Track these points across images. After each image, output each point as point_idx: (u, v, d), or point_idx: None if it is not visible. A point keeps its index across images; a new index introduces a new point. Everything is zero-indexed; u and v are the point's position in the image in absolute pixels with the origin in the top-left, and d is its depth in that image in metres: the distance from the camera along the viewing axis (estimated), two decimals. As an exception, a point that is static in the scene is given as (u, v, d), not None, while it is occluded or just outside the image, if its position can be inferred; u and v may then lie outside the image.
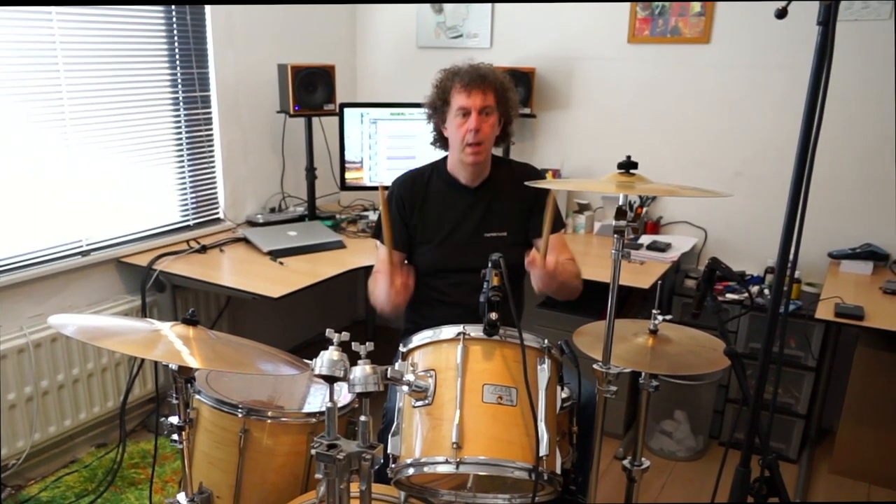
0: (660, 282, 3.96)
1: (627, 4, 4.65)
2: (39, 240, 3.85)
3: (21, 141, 3.67)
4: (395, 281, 2.92)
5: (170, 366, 2.17)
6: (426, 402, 2.10)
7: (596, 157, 4.95)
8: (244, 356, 2.30)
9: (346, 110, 4.83)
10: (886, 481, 4.05)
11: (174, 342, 2.09)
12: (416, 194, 3.17)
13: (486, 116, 2.98)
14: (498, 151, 4.55)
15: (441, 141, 3.18)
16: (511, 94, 3.10)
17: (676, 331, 2.70)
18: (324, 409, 1.87)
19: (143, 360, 4.25)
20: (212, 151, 4.72)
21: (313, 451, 1.79)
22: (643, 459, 2.78)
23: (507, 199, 3.18)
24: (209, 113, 4.65)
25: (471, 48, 5.18)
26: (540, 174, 3.52)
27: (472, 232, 3.14)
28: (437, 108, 3.09)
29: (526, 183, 2.65)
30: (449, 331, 2.17)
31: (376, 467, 1.83)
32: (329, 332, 1.87)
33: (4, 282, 3.67)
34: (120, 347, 2.16)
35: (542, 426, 2.05)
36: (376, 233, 3.26)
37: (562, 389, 2.26)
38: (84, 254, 4.05)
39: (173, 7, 4.29)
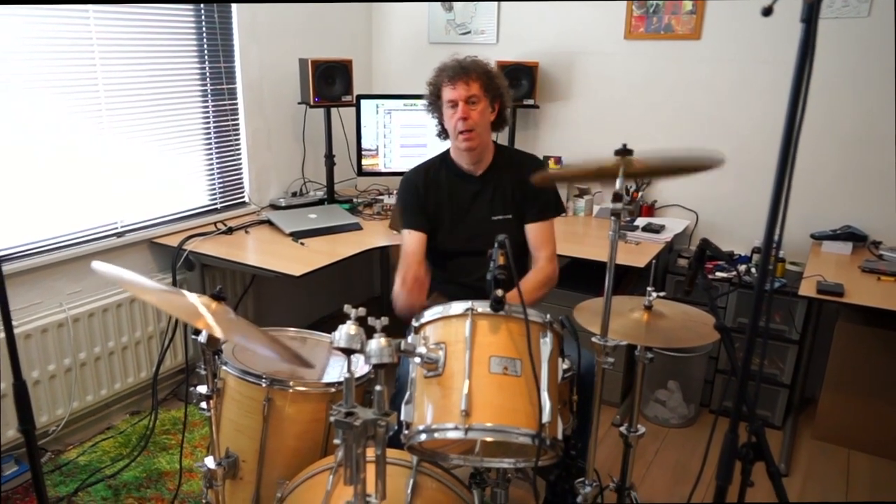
0: (654, 261, 3.96)
1: (624, 3, 4.63)
2: (78, 222, 3.86)
3: (61, 131, 3.67)
4: (406, 277, 2.84)
5: (199, 339, 2.18)
6: (437, 372, 2.09)
7: (594, 144, 4.93)
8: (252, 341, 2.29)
9: (363, 101, 4.82)
10: (864, 446, 4.05)
11: (205, 316, 2.09)
12: (429, 184, 3.18)
13: (473, 105, 3.00)
14: (503, 138, 4.56)
15: (444, 132, 3.20)
16: (498, 80, 3.10)
17: (670, 306, 2.69)
18: (342, 379, 1.87)
19: (174, 334, 4.26)
20: (238, 140, 4.72)
21: (332, 419, 1.78)
22: (639, 426, 2.78)
23: (510, 184, 3.18)
24: (235, 104, 4.64)
25: (478, 44, 5.16)
26: (540, 162, 3.52)
27: (481, 216, 3.14)
28: (433, 104, 3.14)
29: (533, 176, 2.66)
30: (458, 306, 2.17)
31: (391, 433, 1.83)
32: (347, 308, 1.87)
33: (46, 261, 3.69)
34: (156, 302, 2.16)
35: (544, 395, 2.05)
36: (394, 222, 3.27)
37: (563, 361, 2.26)
38: (119, 235, 4.06)
39: (202, 5, 4.28)
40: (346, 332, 1.83)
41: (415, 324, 2.26)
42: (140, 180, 4.14)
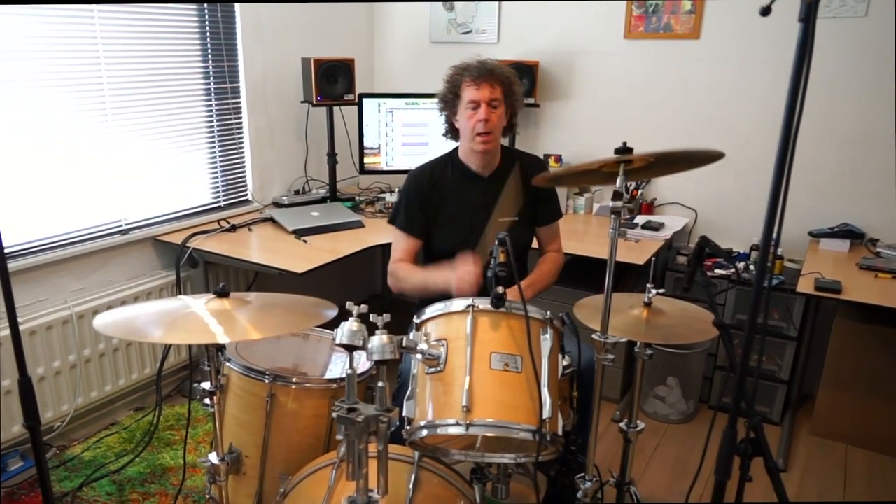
0: (654, 258, 3.96)
1: (623, 3, 4.63)
2: (82, 220, 3.86)
3: (66, 129, 3.67)
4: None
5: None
6: (438, 369, 2.10)
7: (595, 143, 4.93)
8: (279, 316, 2.30)
9: (365, 100, 4.81)
10: (861, 442, 4.05)
11: (209, 323, 2.09)
12: (434, 184, 3.16)
13: (494, 108, 2.96)
14: (504, 140, 4.56)
15: (452, 132, 3.17)
16: (516, 87, 3.08)
17: (669, 303, 2.69)
18: (344, 375, 1.88)
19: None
20: (241, 138, 4.71)
21: (334, 415, 1.79)
22: (638, 422, 2.78)
23: (517, 187, 3.18)
24: (238, 103, 4.64)
25: (479, 43, 5.16)
26: (545, 165, 3.53)
27: (486, 217, 3.13)
28: (449, 102, 3.08)
29: (535, 180, 2.68)
30: (459, 303, 2.17)
31: (392, 429, 1.83)
32: (349, 305, 1.87)
33: (50, 258, 3.69)
34: (162, 340, 2.16)
35: (545, 391, 2.05)
36: (394, 218, 3.27)
37: (563, 357, 2.26)
38: (123, 232, 4.05)
39: (205, 5, 4.28)
40: (348, 328, 1.83)
41: (416, 320, 2.26)
42: (144, 178, 4.14)
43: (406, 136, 4.91)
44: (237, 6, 4.45)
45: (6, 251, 3.46)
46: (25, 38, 3.43)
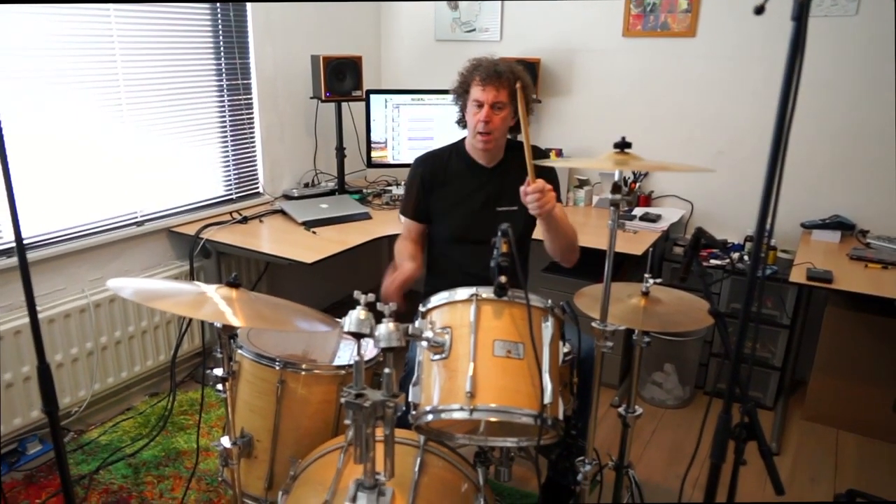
0: (651, 249, 3.96)
1: (622, 2, 4.61)
2: (99, 212, 3.87)
3: (83, 124, 3.68)
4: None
5: (215, 324, 2.17)
6: (443, 355, 2.09)
7: (594, 137, 4.92)
8: (281, 315, 2.30)
9: (372, 96, 4.81)
10: (852, 426, 4.05)
11: (219, 303, 2.10)
12: (437, 172, 3.16)
13: (497, 110, 2.93)
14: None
15: (464, 121, 3.16)
16: (527, 90, 3.05)
17: (666, 293, 2.68)
18: (352, 362, 1.87)
19: (191, 319, 4.26)
20: (252, 133, 4.71)
21: (343, 400, 1.78)
22: (636, 407, 2.78)
23: (518, 178, 3.16)
24: (250, 99, 4.63)
25: (483, 41, 5.15)
26: (545, 154, 3.50)
27: (487, 206, 3.13)
28: (459, 95, 3.07)
29: (536, 162, 2.66)
30: (463, 292, 2.17)
31: (399, 414, 1.83)
32: (357, 294, 1.87)
33: (68, 249, 3.69)
34: (171, 308, 2.17)
35: (546, 377, 2.04)
36: (402, 202, 3.29)
37: (564, 345, 2.25)
38: (139, 224, 4.06)
39: (218, 4, 4.27)
40: (356, 317, 1.82)
41: (422, 309, 2.26)
42: (159, 172, 4.14)
43: (412, 131, 4.91)
44: (248, 5, 4.45)
45: (26, 242, 3.48)
46: (45, 36, 3.43)
